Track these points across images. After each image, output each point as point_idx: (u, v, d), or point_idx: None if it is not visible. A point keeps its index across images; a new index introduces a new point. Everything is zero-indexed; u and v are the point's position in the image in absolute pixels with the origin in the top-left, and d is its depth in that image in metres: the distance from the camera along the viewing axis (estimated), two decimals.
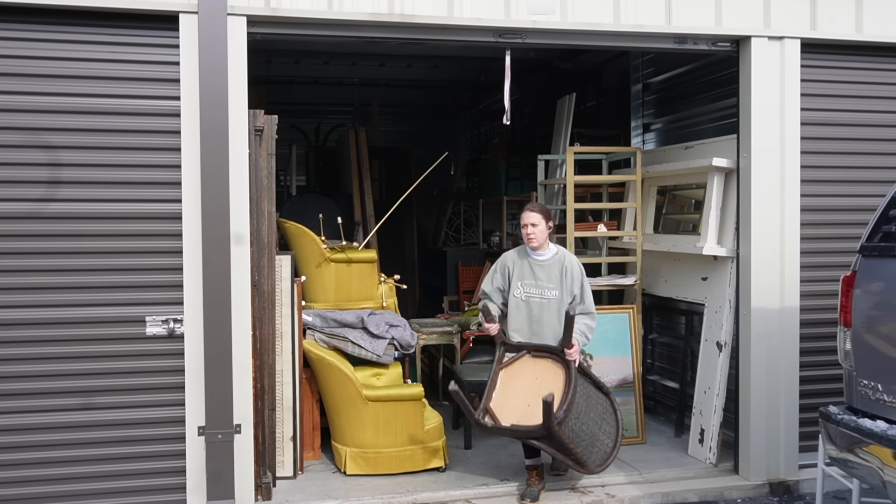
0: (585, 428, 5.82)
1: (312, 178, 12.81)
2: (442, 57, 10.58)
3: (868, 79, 6.58)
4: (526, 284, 6.13)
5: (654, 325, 8.36)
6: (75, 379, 5.40)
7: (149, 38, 5.47)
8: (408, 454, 6.53)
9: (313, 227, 7.25)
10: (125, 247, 5.45)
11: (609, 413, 6.14)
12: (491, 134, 14.20)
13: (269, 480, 5.99)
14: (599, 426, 5.96)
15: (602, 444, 5.95)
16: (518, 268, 6.18)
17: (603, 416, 6.03)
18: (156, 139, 5.47)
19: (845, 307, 5.07)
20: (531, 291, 6.12)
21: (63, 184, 5.36)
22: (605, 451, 5.97)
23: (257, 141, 5.91)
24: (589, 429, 5.85)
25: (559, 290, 6.08)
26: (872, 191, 6.34)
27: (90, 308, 5.43)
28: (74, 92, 5.37)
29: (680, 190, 7.76)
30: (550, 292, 6.08)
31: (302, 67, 11.42)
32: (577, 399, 5.76)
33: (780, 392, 6.42)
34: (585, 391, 5.96)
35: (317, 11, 5.64)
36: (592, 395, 6.05)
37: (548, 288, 6.08)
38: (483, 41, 6.06)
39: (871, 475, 4.71)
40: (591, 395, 6.03)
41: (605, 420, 6.05)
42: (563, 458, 5.81)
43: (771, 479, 6.42)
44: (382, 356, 6.79)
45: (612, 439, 6.05)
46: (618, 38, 6.26)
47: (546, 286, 6.09)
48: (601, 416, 6.02)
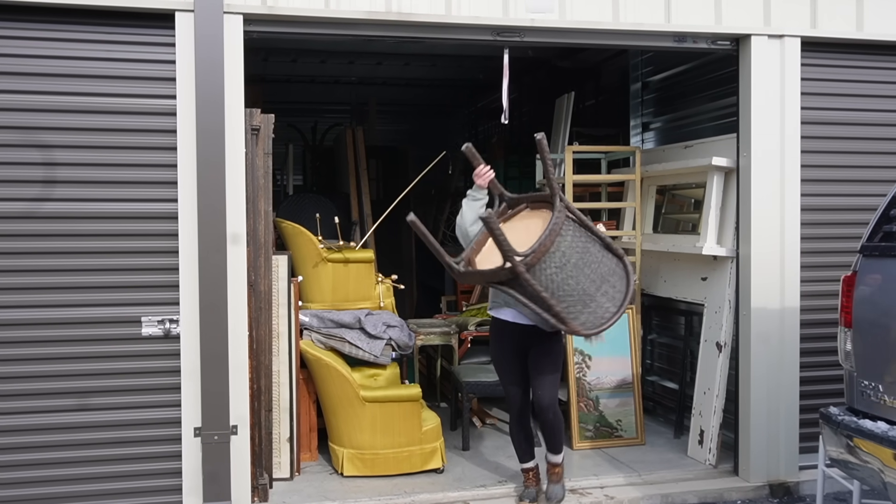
0: (574, 283, 5.11)
1: (309, 178, 12.79)
2: (440, 55, 10.55)
3: (869, 77, 6.55)
4: None
5: (653, 326, 8.34)
6: (70, 380, 5.37)
7: (145, 36, 5.44)
8: (405, 455, 6.50)
9: (310, 226, 7.22)
10: (121, 246, 5.42)
11: (618, 276, 5.30)
12: (489, 133, 14.16)
13: (265, 482, 5.96)
14: (598, 286, 5.17)
15: (598, 307, 5.18)
16: None
17: (606, 278, 5.23)
18: (152, 138, 5.44)
19: (846, 307, 5.05)
20: None
21: (58, 183, 5.33)
22: (601, 315, 5.18)
23: (254, 140, 5.88)
24: (580, 285, 5.12)
25: None
26: (873, 190, 6.30)
27: (85, 308, 5.40)
28: (70, 91, 5.34)
29: (679, 189, 7.73)
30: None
31: (299, 66, 11.40)
32: (565, 249, 5.10)
33: (780, 393, 6.39)
34: (584, 245, 5.23)
35: (314, 10, 5.61)
36: (595, 252, 5.25)
37: None
38: (481, 39, 6.03)
39: (872, 477, 4.69)
40: (593, 252, 5.24)
41: (609, 282, 5.24)
42: (543, 315, 5.07)
43: (771, 480, 6.40)
44: (380, 357, 6.76)
45: (616, 304, 5.23)
46: (617, 36, 6.23)
47: None
48: (603, 276, 5.22)
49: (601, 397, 7.33)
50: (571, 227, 5.20)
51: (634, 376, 7.40)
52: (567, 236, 5.14)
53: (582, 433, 7.24)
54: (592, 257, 5.21)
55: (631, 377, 7.40)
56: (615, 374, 7.39)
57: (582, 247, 5.20)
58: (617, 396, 7.35)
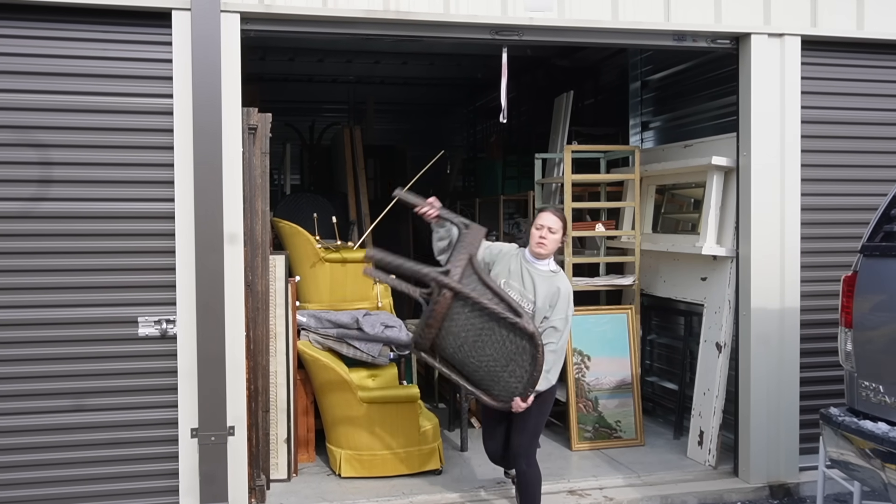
0: (476, 361, 5.13)
1: (307, 177, 12.74)
2: (438, 54, 10.53)
3: (869, 76, 6.54)
4: (508, 285, 5.30)
5: (652, 326, 8.31)
6: (66, 380, 5.35)
7: (141, 35, 5.42)
8: (403, 456, 6.47)
9: (308, 226, 7.19)
10: (117, 246, 5.40)
11: (526, 355, 5.05)
12: (488, 132, 14.14)
13: (262, 483, 5.94)
14: (504, 366, 5.08)
15: (507, 384, 5.14)
16: (510, 263, 5.39)
17: (512, 357, 5.07)
18: (148, 137, 5.42)
19: (846, 307, 5.03)
20: (510, 293, 5.31)
21: (54, 182, 5.31)
22: (510, 391, 5.13)
23: (251, 139, 5.86)
24: (483, 363, 5.13)
25: (536, 305, 5.24)
26: (873, 190, 6.29)
27: (81, 308, 5.37)
28: (66, 90, 5.32)
29: (679, 189, 7.72)
30: (528, 304, 5.23)
31: (296, 65, 11.38)
32: (457, 330, 5.06)
33: (780, 393, 6.37)
34: (481, 326, 5.06)
35: (311, 8, 5.59)
36: (497, 332, 5.05)
37: (528, 299, 5.25)
38: (479, 38, 6.01)
39: (873, 478, 4.67)
40: (494, 332, 5.06)
41: (516, 362, 5.07)
42: (468, 388, 5.28)
43: (771, 481, 6.38)
44: (378, 357, 6.73)
45: (522, 385, 5.11)
46: (616, 35, 6.21)
47: (527, 296, 5.26)
48: (509, 356, 5.07)
49: (600, 398, 7.31)
50: (466, 310, 5.07)
51: (634, 377, 7.38)
52: (459, 318, 5.10)
53: (581, 434, 7.22)
54: (492, 338, 5.11)
55: (630, 378, 7.37)
56: (614, 374, 7.37)
57: (478, 327, 5.10)
58: (616, 397, 7.33)
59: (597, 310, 7.68)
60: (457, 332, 5.09)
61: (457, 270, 5.02)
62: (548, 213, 5.35)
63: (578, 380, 7.30)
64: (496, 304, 5.00)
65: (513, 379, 5.13)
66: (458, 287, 4.99)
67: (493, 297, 5.04)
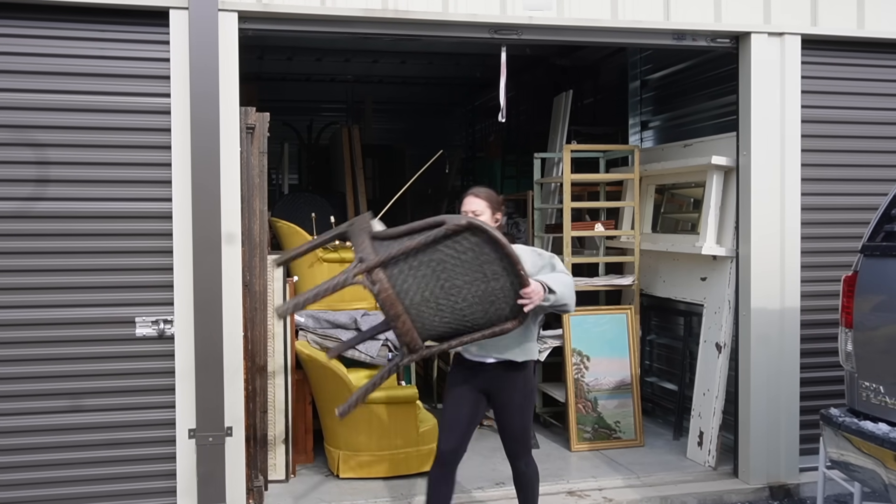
0: (461, 303, 4.44)
1: (305, 177, 12.73)
2: (436, 53, 10.51)
3: (870, 76, 6.52)
4: None
5: (652, 326, 8.29)
6: (63, 380, 5.32)
7: (138, 34, 5.39)
8: (402, 457, 6.45)
9: (306, 226, 7.17)
10: (114, 246, 5.37)
11: (483, 251, 4.33)
12: (486, 131, 14.12)
13: (260, 484, 5.92)
14: (486, 281, 4.40)
15: (507, 295, 4.44)
16: None
17: (480, 266, 4.37)
18: (145, 137, 5.39)
19: (847, 308, 5.02)
20: None
21: (51, 182, 5.29)
22: (511, 299, 4.44)
23: (249, 139, 5.84)
24: (470, 297, 4.42)
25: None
26: (874, 189, 6.27)
27: (78, 308, 5.35)
28: (63, 89, 5.30)
29: (678, 188, 7.70)
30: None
31: (294, 64, 11.36)
32: (417, 297, 4.40)
33: (780, 394, 6.35)
34: (428, 271, 4.38)
35: (309, 7, 5.57)
36: (447, 260, 4.36)
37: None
38: (478, 37, 5.98)
39: (873, 478, 4.65)
40: (441, 265, 4.37)
41: (487, 265, 4.37)
42: (489, 333, 4.53)
43: (771, 482, 6.36)
44: (376, 358, 6.70)
45: (511, 282, 4.41)
46: (615, 34, 6.19)
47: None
48: (476, 267, 4.37)
49: (599, 398, 7.29)
50: (405, 271, 4.38)
51: (633, 377, 7.36)
52: (409, 283, 4.40)
53: (580, 435, 7.20)
54: (448, 268, 4.38)
55: (630, 378, 7.36)
56: (614, 374, 7.35)
57: (428, 273, 4.39)
58: (615, 397, 7.31)
59: (596, 310, 7.66)
60: (421, 297, 4.40)
61: (366, 252, 4.39)
62: (469, 197, 4.85)
63: (578, 380, 7.28)
64: (417, 237, 4.34)
65: (502, 286, 4.43)
66: (379, 259, 4.34)
67: (411, 236, 4.40)
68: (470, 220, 4.26)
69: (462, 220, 4.27)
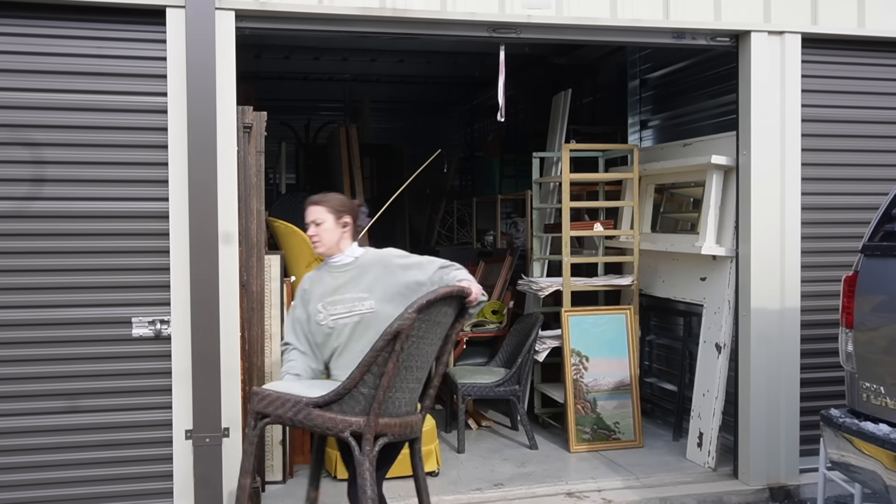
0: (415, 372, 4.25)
1: (302, 176, 12.73)
2: (435, 52, 10.49)
3: (871, 74, 6.49)
4: (330, 304, 4.41)
5: (651, 327, 8.26)
6: (59, 381, 5.28)
7: (135, 33, 5.36)
8: (400, 458, 6.39)
9: (303, 226, 7.11)
10: (111, 246, 5.34)
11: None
12: (485, 131, 14.10)
13: (258, 485, 5.89)
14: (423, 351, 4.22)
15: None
16: (318, 286, 4.52)
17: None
18: (142, 136, 5.36)
19: (847, 308, 4.99)
20: (337, 311, 4.38)
21: (47, 182, 5.26)
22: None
23: (246, 138, 5.82)
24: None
25: (376, 300, 4.32)
26: (875, 189, 6.24)
27: (75, 309, 5.31)
28: (59, 88, 5.27)
29: (678, 188, 7.68)
30: (363, 304, 4.34)
31: (292, 63, 11.34)
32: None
33: (780, 395, 6.32)
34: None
35: (307, 6, 5.54)
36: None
37: (359, 300, 4.36)
38: (477, 36, 5.95)
39: (874, 480, 4.63)
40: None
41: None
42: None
43: (771, 483, 6.33)
44: None
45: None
46: (614, 32, 6.16)
47: (357, 298, 4.36)
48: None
49: (599, 399, 7.26)
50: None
51: (632, 378, 7.33)
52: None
53: (579, 436, 7.17)
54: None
55: (629, 379, 7.33)
56: (613, 375, 7.32)
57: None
58: (615, 398, 7.28)
59: (595, 310, 7.63)
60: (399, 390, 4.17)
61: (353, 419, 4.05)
62: (308, 207, 4.56)
63: (576, 381, 7.25)
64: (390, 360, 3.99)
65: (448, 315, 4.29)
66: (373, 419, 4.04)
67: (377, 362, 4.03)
68: (421, 303, 3.98)
69: (412, 313, 3.95)
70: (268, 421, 4.15)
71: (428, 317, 4.08)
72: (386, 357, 3.99)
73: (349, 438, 4.01)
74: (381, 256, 4.51)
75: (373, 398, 4.01)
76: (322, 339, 4.46)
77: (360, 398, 4.04)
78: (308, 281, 4.61)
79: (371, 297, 4.35)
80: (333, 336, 4.40)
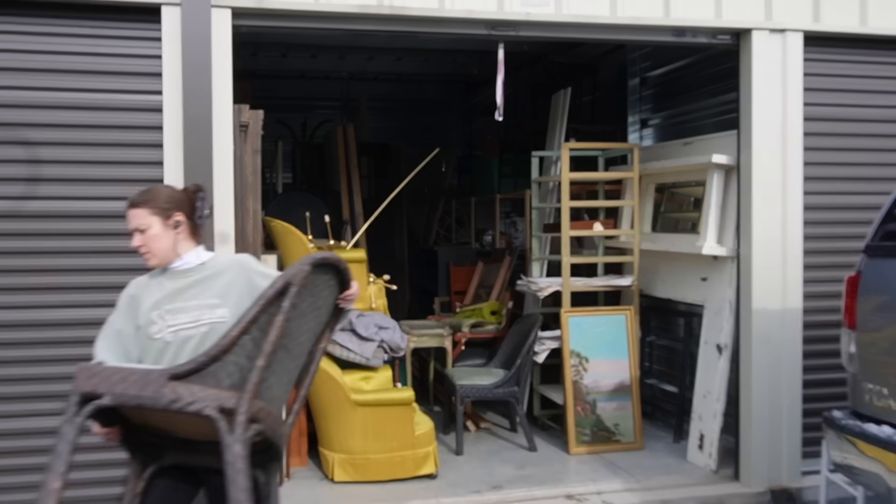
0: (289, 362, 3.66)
1: (299, 176, 12.70)
2: (433, 50, 10.46)
3: (873, 73, 6.45)
4: (169, 312, 3.59)
5: (652, 328, 8.22)
6: (57, 382, 5.20)
7: (130, 31, 5.33)
8: (398, 460, 6.37)
9: (300, 225, 7.10)
10: (107, 246, 5.29)
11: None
12: (483, 130, 14.06)
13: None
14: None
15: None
16: (150, 290, 3.71)
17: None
18: (137, 135, 5.33)
19: (850, 308, 4.97)
20: (178, 321, 3.57)
21: (43, 181, 5.23)
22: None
23: (242, 137, 5.77)
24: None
25: (230, 308, 3.57)
26: (878, 188, 6.18)
27: (72, 309, 5.28)
28: (54, 86, 5.24)
29: (678, 187, 7.64)
30: (214, 312, 3.58)
31: (288, 61, 11.31)
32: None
33: (782, 396, 6.28)
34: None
35: (304, 3, 5.51)
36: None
37: (209, 307, 3.59)
38: (475, 34, 5.92)
39: (877, 482, 4.60)
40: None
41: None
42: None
43: (773, 486, 6.28)
44: (371, 359, 6.63)
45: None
46: (614, 30, 6.13)
47: (207, 306, 3.59)
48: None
49: (599, 401, 7.21)
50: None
51: (633, 379, 7.28)
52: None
53: (579, 437, 7.12)
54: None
55: (629, 380, 7.28)
56: (613, 376, 7.27)
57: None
58: (615, 400, 7.23)
59: (595, 311, 7.59)
60: (279, 384, 3.53)
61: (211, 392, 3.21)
62: (128, 212, 3.76)
63: (576, 382, 7.20)
64: (271, 332, 3.29)
65: (327, 303, 3.79)
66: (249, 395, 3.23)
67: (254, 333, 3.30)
68: (314, 260, 3.45)
69: (304, 266, 3.38)
70: (102, 402, 3.24)
71: (315, 287, 3.50)
72: (272, 317, 3.26)
73: (217, 416, 3.12)
74: (237, 260, 3.84)
75: (249, 371, 3.22)
76: (154, 356, 3.58)
77: (232, 369, 3.23)
78: (135, 286, 3.78)
79: (224, 305, 3.58)
80: (170, 352, 3.54)
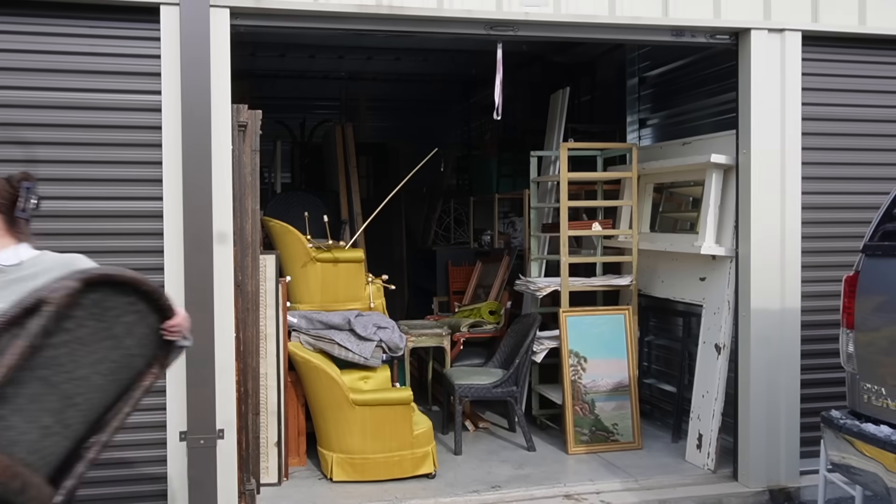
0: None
1: (298, 175, 12.69)
2: (431, 50, 10.43)
3: (872, 73, 6.45)
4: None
5: (650, 327, 8.20)
6: None
7: (129, 30, 5.33)
8: (396, 460, 6.37)
9: (298, 225, 7.10)
10: (105, 245, 5.28)
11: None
12: (482, 129, 14.05)
13: (252, 487, 5.84)
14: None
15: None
16: None
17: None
18: (136, 135, 5.32)
19: (848, 308, 4.96)
20: None
21: (40, 181, 5.16)
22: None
23: (241, 137, 5.77)
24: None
25: None
26: (876, 188, 6.19)
27: None
28: (52, 86, 5.23)
29: (677, 187, 7.64)
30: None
31: (287, 61, 11.28)
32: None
33: (780, 396, 6.28)
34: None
35: (302, 3, 5.51)
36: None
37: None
38: (474, 34, 5.91)
39: (875, 482, 4.60)
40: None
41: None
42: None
43: (771, 485, 6.28)
44: (370, 359, 6.63)
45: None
46: (613, 30, 6.12)
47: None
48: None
49: (597, 400, 7.21)
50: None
51: (631, 379, 7.28)
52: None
53: (577, 437, 7.12)
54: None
55: (627, 380, 7.28)
56: (611, 376, 7.26)
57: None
58: (613, 399, 7.23)
59: (594, 310, 7.59)
60: (39, 430, 2.95)
61: None
62: None
63: (575, 382, 7.20)
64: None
65: (139, 334, 3.31)
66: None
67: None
68: (85, 275, 2.96)
69: (70, 281, 2.90)
70: None
71: (100, 310, 3.03)
72: (12, 338, 2.75)
73: None
74: (63, 261, 3.35)
75: None
76: None
77: None
78: None
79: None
80: None
